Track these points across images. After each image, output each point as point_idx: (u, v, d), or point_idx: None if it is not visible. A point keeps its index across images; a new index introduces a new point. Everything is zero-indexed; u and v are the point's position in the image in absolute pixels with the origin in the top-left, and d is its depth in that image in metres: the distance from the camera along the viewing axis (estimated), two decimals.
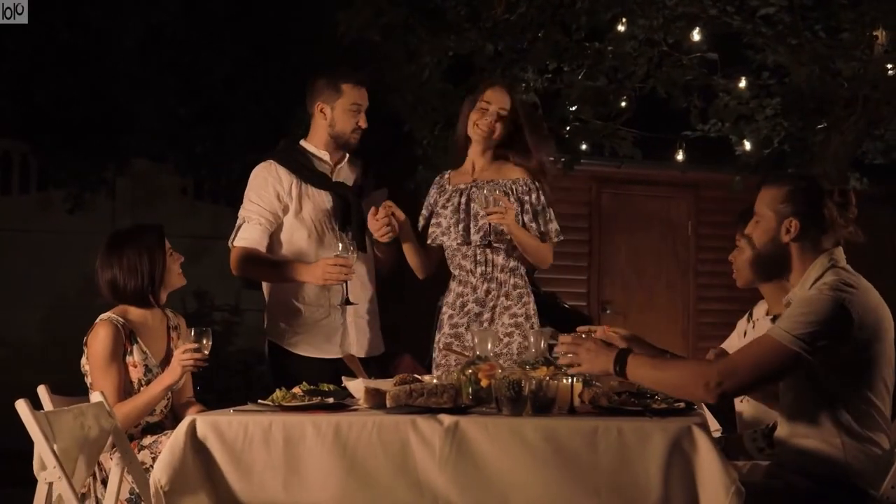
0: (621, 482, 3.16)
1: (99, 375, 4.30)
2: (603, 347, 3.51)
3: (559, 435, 3.21)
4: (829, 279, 3.39)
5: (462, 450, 3.22)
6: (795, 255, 3.52)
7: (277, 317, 4.91)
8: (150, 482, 3.31)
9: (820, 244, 3.50)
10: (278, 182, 4.83)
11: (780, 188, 3.55)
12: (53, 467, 3.57)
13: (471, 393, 3.51)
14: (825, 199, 3.49)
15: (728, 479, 3.06)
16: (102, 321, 4.38)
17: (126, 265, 4.41)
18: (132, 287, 4.42)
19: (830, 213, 3.49)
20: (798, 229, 3.48)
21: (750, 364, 3.30)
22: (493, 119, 4.76)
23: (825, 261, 3.46)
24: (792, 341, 3.26)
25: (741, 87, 8.42)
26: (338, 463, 3.27)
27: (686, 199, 11.17)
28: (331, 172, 4.92)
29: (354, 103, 4.83)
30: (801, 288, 3.47)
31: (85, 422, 3.81)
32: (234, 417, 3.38)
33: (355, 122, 4.84)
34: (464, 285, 4.85)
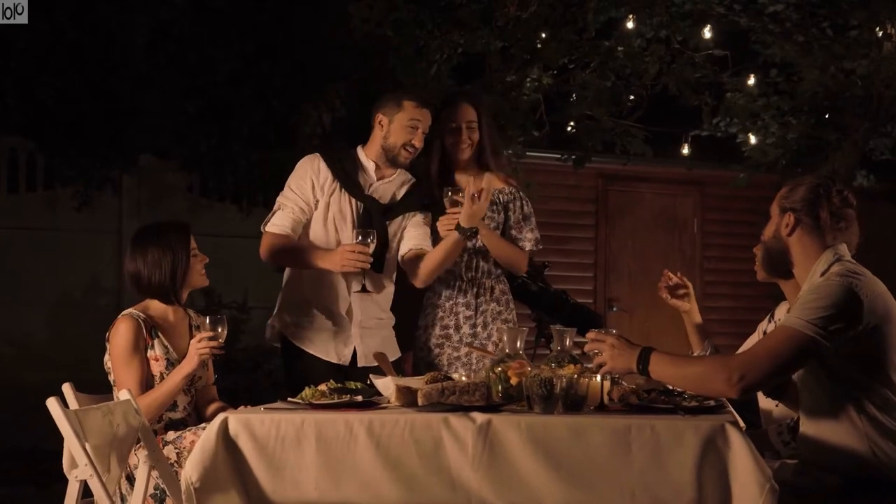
0: (654, 481, 3.17)
1: (121, 369, 4.33)
2: (626, 345, 3.54)
3: (592, 433, 3.22)
4: (835, 269, 3.46)
5: (495, 448, 3.24)
6: (796, 250, 3.61)
7: (289, 313, 4.95)
8: (182, 479, 3.32)
9: (823, 241, 3.57)
10: (316, 175, 4.87)
11: (789, 187, 3.68)
12: (85, 465, 3.57)
13: (500, 391, 3.52)
14: (821, 199, 3.57)
15: (763, 477, 3.07)
16: (123, 316, 4.42)
17: (150, 260, 4.47)
18: (154, 282, 4.47)
19: (824, 214, 3.56)
20: (794, 223, 3.58)
21: (768, 355, 3.33)
22: (466, 136, 4.98)
23: (830, 256, 3.53)
24: (806, 326, 3.30)
25: (750, 84, 8.43)
26: (370, 461, 3.28)
27: (692, 196, 11.19)
28: (370, 185, 4.93)
29: (413, 118, 4.82)
30: (808, 282, 3.52)
31: (113, 419, 3.82)
32: (266, 415, 3.39)
33: (409, 138, 4.83)
34: (452, 288, 5.01)
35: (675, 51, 8.32)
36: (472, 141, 4.99)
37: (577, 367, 3.67)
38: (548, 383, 3.35)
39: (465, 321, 4.95)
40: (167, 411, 4.40)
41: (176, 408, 4.43)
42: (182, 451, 4.19)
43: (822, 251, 3.56)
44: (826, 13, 8.57)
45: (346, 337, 4.90)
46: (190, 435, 4.25)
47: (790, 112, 8.59)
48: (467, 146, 4.98)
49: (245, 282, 10.06)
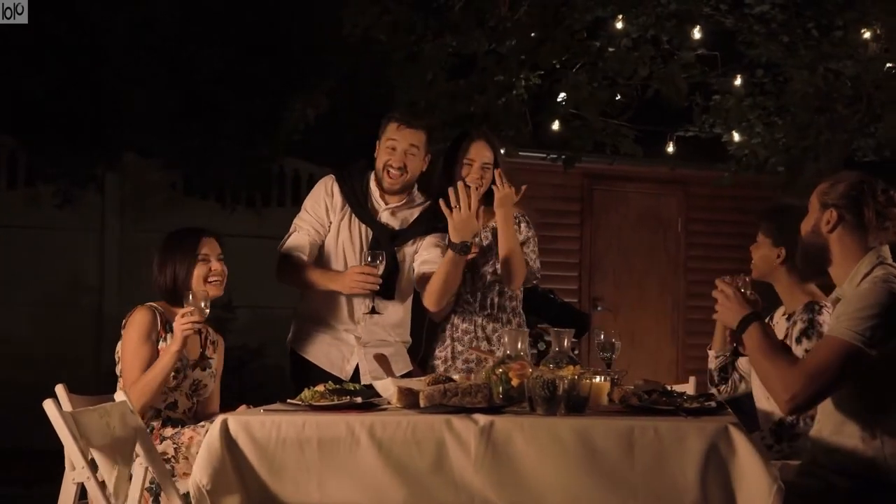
0: (658, 483, 3.17)
1: (130, 354, 4.35)
2: (740, 304, 3.55)
3: (595, 435, 3.22)
4: (878, 273, 3.42)
5: (497, 450, 3.23)
6: (836, 248, 3.55)
7: (299, 325, 5.02)
8: (191, 483, 3.30)
9: (865, 241, 3.52)
10: (329, 197, 4.91)
11: (830, 182, 3.61)
12: (82, 468, 3.54)
13: (501, 392, 3.51)
14: (866, 196, 3.51)
15: (770, 479, 3.07)
16: (141, 307, 4.45)
17: (159, 263, 4.51)
18: (161, 285, 4.50)
19: (869, 211, 3.51)
20: (836, 220, 3.52)
21: (816, 370, 3.31)
22: (478, 175, 4.92)
23: (873, 258, 3.49)
24: (850, 335, 3.28)
25: (737, 84, 8.45)
26: (372, 463, 3.26)
27: (676, 195, 11.21)
28: (381, 211, 4.94)
29: (390, 139, 4.83)
30: (849, 284, 3.49)
31: (110, 421, 3.79)
32: (266, 417, 3.37)
33: (387, 159, 4.84)
34: (469, 322, 5.01)
35: (664, 52, 8.33)
36: (484, 181, 4.92)
37: (577, 368, 3.67)
38: (551, 385, 3.35)
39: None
40: (166, 409, 4.38)
41: (175, 408, 4.42)
42: (180, 446, 4.20)
43: (863, 252, 3.51)
44: (812, 14, 8.60)
45: (348, 354, 4.92)
46: (188, 431, 4.25)
47: (776, 112, 8.61)
48: (478, 185, 4.90)
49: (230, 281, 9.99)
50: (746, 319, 3.49)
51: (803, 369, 3.33)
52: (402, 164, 4.82)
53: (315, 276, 4.82)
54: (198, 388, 4.53)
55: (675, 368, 10.87)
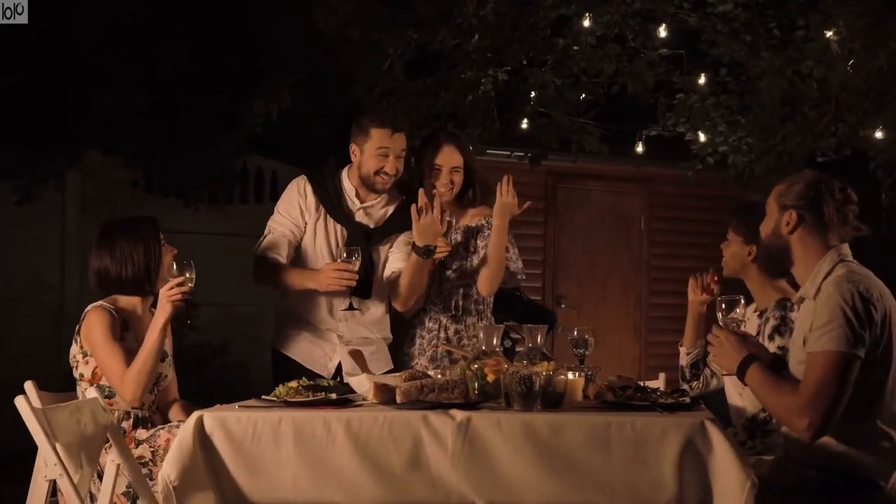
0: (635, 477, 3.19)
1: (104, 356, 4.24)
2: (736, 347, 3.52)
3: (572, 430, 3.23)
4: (839, 272, 3.44)
5: (474, 445, 3.24)
6: (797, 249, 3.58)
7: (281, 323, 5.01)
8: (160, 478, 3.28)
9: (825, 240, 3.54)
10: (303, 198, 4.90)
11: (786, 184, 3.63)
12: (55, 464, 3.50)
13: (477, 388, 3.51)
14: (824, 195, 3.53)
15: (744, 474, 3.10)
16: (94, 308, 4.32)
17: (119, 255, 4.35)
18: (126, 276, 4.35)
19: (829, 209, 3.53)
20: (796, 221, 3.54)
21: (822, 389, 3.30)
22: (448, 179, 4.92)
23: (833, 256, 3.51)
24: (838, 345, 3.30)
25: (701, 83, 8.49)
26: (349, 459, 3.26)
27: (639, 194, 11.25)
28: (355, 210, 4.93)
29: (381, 146, 4.79)
30: (811, 284, 3.51)
31: (81, 418, 3.76)
32: (242, 413, 3.36)
33: (381, 165, 4.81)
34: (434, 321, 4.99)
35: (630, 50, 8.36)
36: (455, 184, 4.94)
37: (551, 364, 3.68)
38: (527, 381, 3.35)
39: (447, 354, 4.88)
40: (134, 408, 4.33)
41: (142, 405, 4.37)
42: (157, 449, 4.13)
43: (824, 251, 3.53)
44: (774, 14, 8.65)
45: (331, 351, 4.91)
46: (164, 433, 4.19)
47: (739, 111, 8.66)
48: (447, 190, 4.93)
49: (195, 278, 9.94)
50: (745, 362, 3.48)
51: (807, 395, 3.32)
52: (396, 170, 4.83)
53: (291, 276, 4.80)
54: (159, 379, 4.46)
55: (637, 365, 10.92)
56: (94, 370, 4.30)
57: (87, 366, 4.31)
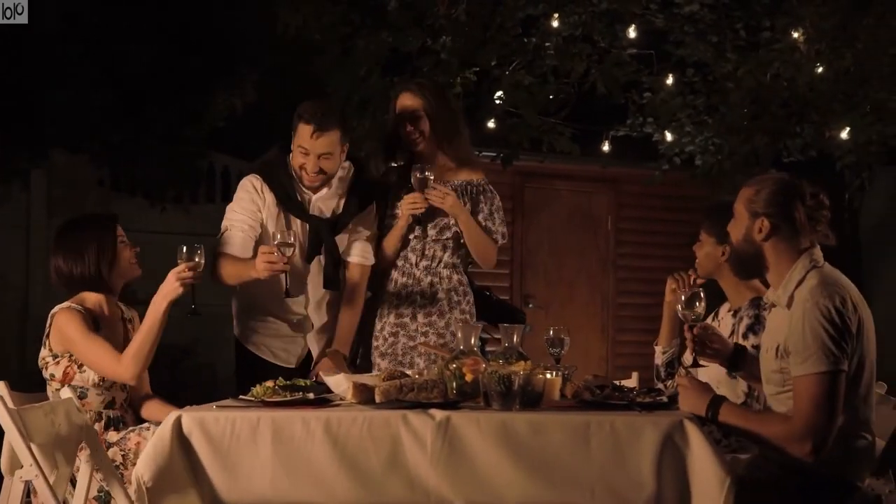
0: (614, 477, 3.20)
1: (87, 350, 4.21)
2: (701, 390, 3.50)
3: (551, 430, 3.24)
4: (813, 281, 3.45)
5: (454, 445, 3.23)
6: (770, 255, 3.57)
7: (243, 318, 4.94)
8: (133, 478, 3.28)
9: (797, 244, 3.54)
10: (260, 198, 4.75)
11: (754, 187, 3.60)
12: (31, 465, 3.49)
13: (455, 388, 3.51)
14: (796, 201, 3.53)
15: (723, 472, 3.12)
16: (62, 310, 4.29)
17: (72, 251, 4.34)
18: (77, 273, 4.33)
19: (800, 215, 3.53)
20: (769, 229, 3.53)
21: (817, 410, 3.31)
22: (411, 127, 4.86)
23: (806, 262, 3.51)
24: (822, 366, 3.31)
25: (669, 84, 8.53)
26: (328, 459, 3.25)
27: (607, 194, 11.28)
28: (309, 201, 4.82)
29: (300, 146, 4.63)
30: (784, 290, 3.52)
31: (55, 419, 3.73)
32: (220, 413, 3.35)
33: (301, 163, 4.67)
34: (407, 276, 4.95)
35: (600, 50, 8.38)
36: (421, 131, 4.86)
37: (528, 364, 3.69)
38: (506, 380, 3.36)
39: (421, 308, 4.91)
40: (105, 409, 4.30)
41: (114, 405, 4.34)
42: (127, 452, 4.10)
43: (797, 255, 3.53)
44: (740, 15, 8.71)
45: (300, 340, 4.89)
46: (134, 436, 4.15)
47: (706, 111, 8.70)
48: (416, 137, 4.86)
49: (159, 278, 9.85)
50: (714, 403, 3.46)
51: (803, 421, 3.32)
52: (318, 169, 4.67)
53: (235, 269, 4.63)
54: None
55: (604, 364, 10.94)
56: (65, 370, 4.27)
57: (57, 367, 4.28)
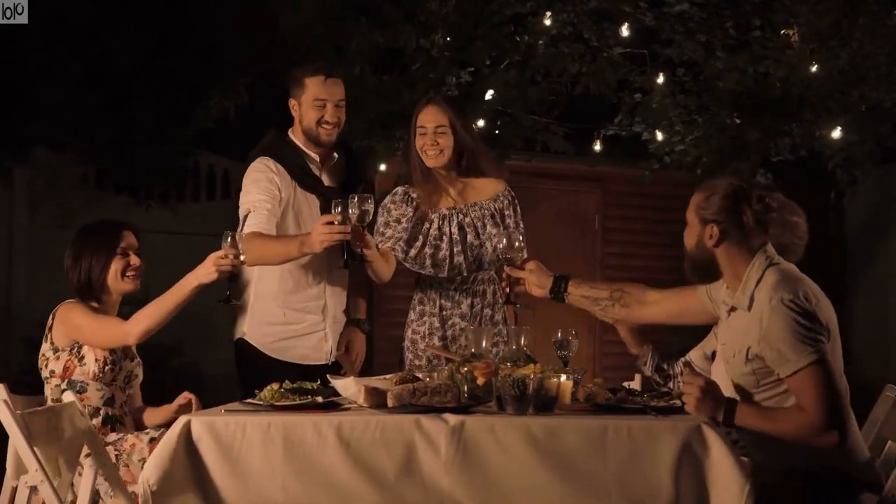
0: (631, 482, 3.16)
1: (95, 325, 4.20)
2: (714, 395, 3.43)
3: (567, 434, 3.20)
4: (771, 279, 3.47)
5: (468, 450, 3.19)
6: (723, 259, 3.60)
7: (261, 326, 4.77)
8: (140, 481, 3.22)
9: (749, 246, 3.57)
10: (277, 176, 4.70)
11: (703, 194, 3.64)
12: (35, 471, 3.42)
13: (466, 391, 3.46)
14: (743, 205, 3.56)
15: (742, 478, 3.09)
16: (63, 304, 4.29)
17: (73, 257, 4.33)
18: (74, 281, 4.32)
19: (749, 219, 3.56)
20: (718, 235, 3.57)
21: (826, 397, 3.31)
22: (433, 139, 4.73)
23: (762, 260, 3.54)
24: (808, 358, 3.32)
25: (660, 83, 8.51)
26: (340, 464, 3.21)
27: (594, 193, 11.25)
28: (320, 173, 4.81)
29: (317, 98, 4.69)
30: (743, 293, 3.53)
31: (59, 423, 3.68)
32: (231, 418, 3.29)
33: (320, 115, 4.70)
34: (445, 298, 4.83)
35: (593, 49, 8.36)
36: (442, 146, 4.73)
37: (538, 367, 3.65)
38: (521, 384, 3.32)
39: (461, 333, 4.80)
40: (105, 405, 4.25)
41: (113, 403, 4.29)
42: (121, 453, 4.05)
43: (750, 255, 3.55)
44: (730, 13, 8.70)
45: (321, 333, 4.81)
46: (132, 438, 4.11)
47: (696, 111, 8.69)
48: (436, 152, 4.73)
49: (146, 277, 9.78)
50: (729, 405, 3.42)
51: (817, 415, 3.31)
52: (337, 119, 4.72)
53: (280, 246, 4.52)
54: (130, 379, 4.42)
55: (591, 364, 10.92)
56: (65, 364, 4.23)
57: (57, 361, 4.25)
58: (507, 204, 4.92)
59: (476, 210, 4.83)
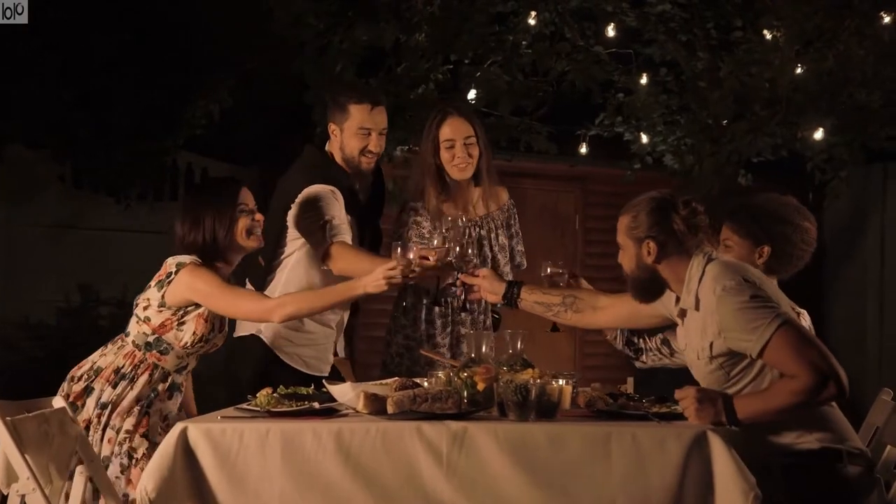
0: (636, 489, 3.14)
1: (228, 295, 4.10)
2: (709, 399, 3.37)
3: (571, 441, 3.18)
4: (713, 272, 3.49)
5: (470, 457, 3.17)
6: (666, 271, 3.63)
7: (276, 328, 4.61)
8: (137, 489, 3.19)
9: (686, 251, 3.59)
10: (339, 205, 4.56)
11: (630, 215, 3.68)
12: (27, 479, 3.34)
13: (466, 397, 3.42)
14: (671, 214, 3.59)
15: (746, 485, 3.08)
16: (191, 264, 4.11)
17: (190, 217, 4.20)
18: (193, 240, 4.18)
19: (679, 227, 3.58)
20: (656, 249, 3.60)
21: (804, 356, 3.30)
22: (464, 153, 4.66)
23: (699, 259, 3.57)
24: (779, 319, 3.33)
25: (643, 83, 8.51)
26: (339, 472, 3.18)
27: (575, 193, 11.26)
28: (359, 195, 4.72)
29: (362, 127, 4.59)
30: (688, 293, 3.55)
31: (49, 429, 3.60)
32: (228, 425, 3.26)
33: (363, 145, 4.61)
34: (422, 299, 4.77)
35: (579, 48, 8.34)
36: (473, 158, 4.68)
37: (536, 371, 3.62)
38: (523, 390, 3.29)
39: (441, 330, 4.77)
40: (175, 372, 4.19)
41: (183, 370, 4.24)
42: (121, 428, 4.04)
43: (688, 259, 3.58)
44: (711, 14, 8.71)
45: (331, 346, 4.75)
46: None
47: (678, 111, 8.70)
48: (467, 164, 4.67)
49: (124, 277, 9.69)
50: (727, 404, 3.37)
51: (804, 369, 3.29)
52: (380, 149, 4.66)
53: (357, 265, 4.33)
54: (209, 350, 4.30)
55: (571, 365, 10.92)
56: (164, 321, 4.12)
57: (158, 315, 4.12)
58: (512, 213, 4.94)
59: (489, 221, 4.84)
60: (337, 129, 4.67)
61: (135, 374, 4.10)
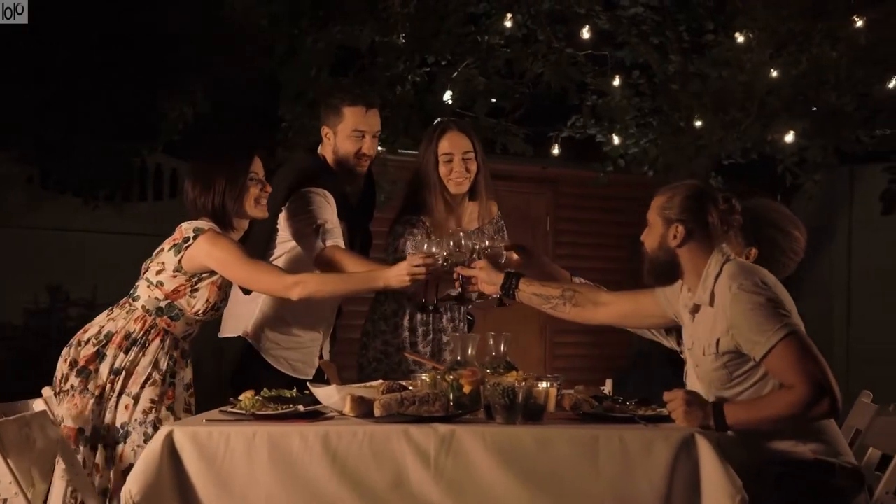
0: (624, 491, 3.14)
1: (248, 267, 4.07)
2: (698, 403, 3.37)
3: (559, 444, 3.17)
4: (729, 270, 3.48)
5: (458, 460, 3.16)
6: (685, 259, 3.60)
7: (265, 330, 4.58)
8: (122, 493, 3.16)
9: (710, 247, 3.57)
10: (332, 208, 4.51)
11: (666, 195, 3.63)
12: (10, 483, 3.33)
13: (452, 399, 3.41)
14: (709, 206, 3.56)
15: (733, 488, 3.08)
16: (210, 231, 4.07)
17: (201, 180, 4.16)
18: (203, 203, 4.15)
19: (714, 220, 3.56)
20: (683, 234, 3.56)
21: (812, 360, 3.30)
22: (462, 168, 4.62)
23: (718, 257, 3.54)
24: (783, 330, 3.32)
25: (616, 85, 8.54)
26: (326, 475, 3.16)
27: (546, 194, 11.27)
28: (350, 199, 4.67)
29: (356, 129, 4.54)
30: (703, 289, 3.53)
31: (30, 433, 3.57)
32: (214, 428, 3.23)
33: (357, 147, 4.56)
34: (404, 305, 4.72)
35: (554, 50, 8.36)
36: (470, 173, 4.64)
37: (520, 374, 3.62)
38: (510, 393, 3.28)
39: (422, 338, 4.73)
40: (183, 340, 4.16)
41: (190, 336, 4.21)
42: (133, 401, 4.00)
43: (709, 254, 3.56)
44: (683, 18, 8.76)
45: (318, 354, 4.70)
46: None
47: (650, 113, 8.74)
48: (464, 179, 4.64)
49: (93, 278, 9.63)
50: (716, 409, 3.36)
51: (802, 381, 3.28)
52: (374, 152, 4.63)
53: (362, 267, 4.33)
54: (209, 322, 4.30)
55: (542, 366, 10.92)
56: (177, 287, 4.07)
57: (173, 279, 4.07)
58: (501, 226, 4.91)
59: (481, 235, 4.74)
60: (330, 131, 4.61)
61: (146, 339, 4.03)
